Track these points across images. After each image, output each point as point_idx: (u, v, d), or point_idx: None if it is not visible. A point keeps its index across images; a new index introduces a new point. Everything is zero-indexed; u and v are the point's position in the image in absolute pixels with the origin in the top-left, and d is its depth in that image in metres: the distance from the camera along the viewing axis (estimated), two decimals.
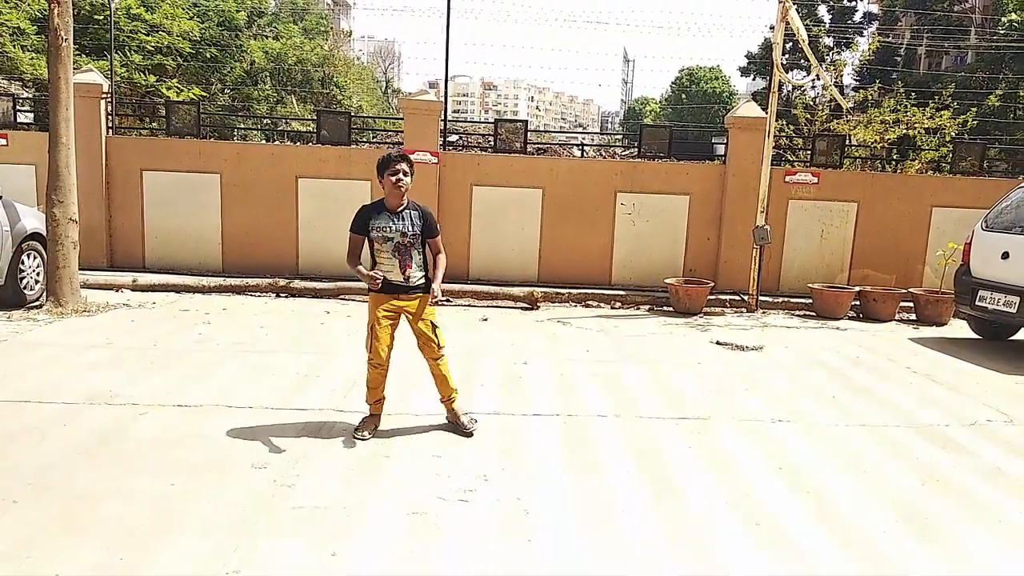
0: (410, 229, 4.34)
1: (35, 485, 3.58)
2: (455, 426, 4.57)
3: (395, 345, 4.53)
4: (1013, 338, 8.45)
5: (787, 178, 10.47)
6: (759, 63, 34.61)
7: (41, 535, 3.13)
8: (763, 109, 10.15)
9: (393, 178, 4.29)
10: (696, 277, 10.23)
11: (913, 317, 9.57)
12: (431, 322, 4.45)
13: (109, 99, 10.47)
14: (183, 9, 19.77)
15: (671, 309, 9.57)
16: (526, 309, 9.31)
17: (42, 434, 4.24)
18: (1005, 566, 3.26)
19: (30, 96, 15.72)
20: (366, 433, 4.42)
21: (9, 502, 3.41)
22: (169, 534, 3.18)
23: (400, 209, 4.37)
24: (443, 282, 4.47)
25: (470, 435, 4.48)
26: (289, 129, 17.95)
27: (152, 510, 3.38)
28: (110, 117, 10.50)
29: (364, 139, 13.36)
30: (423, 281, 4.45)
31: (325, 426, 4.59)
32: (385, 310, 4.40)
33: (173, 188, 10.28)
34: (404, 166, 4.32)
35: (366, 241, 4.39)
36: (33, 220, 7.85)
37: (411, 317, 4.44)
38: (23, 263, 7.67)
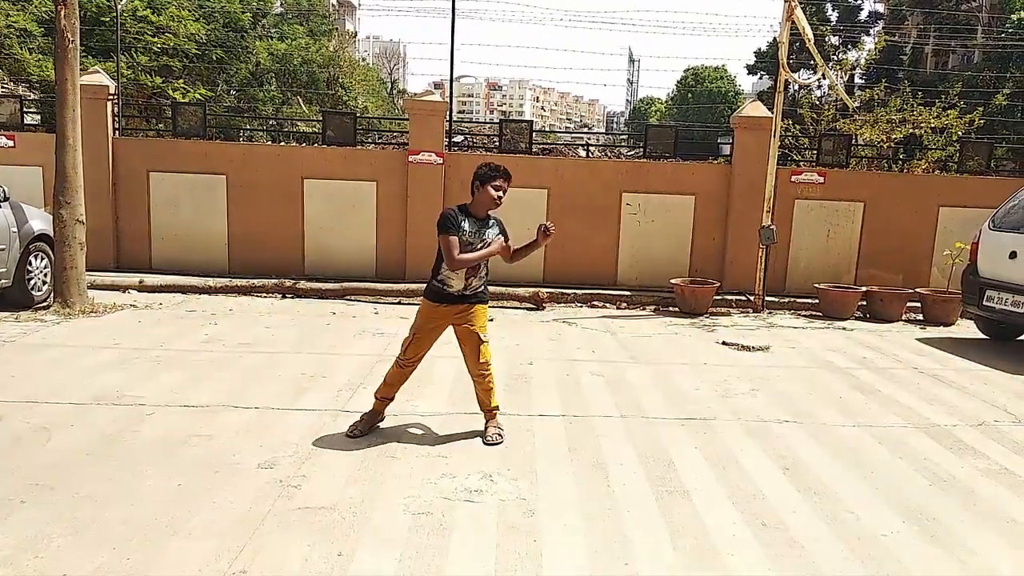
0: (491, 239, 4.33)
1: (42, 485, 3.60)
2: (483, 433, 4.51)
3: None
4: (1021, 338, 8.41)
5: (793, 178, 10.45)
6: (767, 61, 34.55)
7: (48, 535, 3.14)
8: (769, 109, 10.12)
9: (496, 193, 4.26)
10: (702, 277, 10.21)
11: (920, 317, 9.54)
12: (479, 335, 4.40)
13: (116, 100, 10.51)
14: (189, 11, 19.83)
15: (677, 309, 9.55)
16: (531, 309, 9.31)
17: (49, 434, 4.26)
18: (1014, 567, 3.24)
19: (37, 98, 15.79)
20: (358, 430, 4.42)
21: (16, 502, 3.42)
22: (176, 534, 3.19)
23: (483, 217, 4.36)
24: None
25: (489, 445, 4.41)
26: (295, 130, 17.98)
27: (159, 510, 3.39)
28: (117, 118, 10.54)
29: (370, 140, 13.38)
30: (481, 290, 4.43)
31: (331, 426, 4.59)
32: (437, 319, 4.40)
33: (179, 189, 10.31)
34: (507, 184, 4.30)
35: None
36: (40, 221, 7.89)
37: (461, 327, 4.40)
38: (30, 264, 7.71)
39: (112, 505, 3.43)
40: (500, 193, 4.27)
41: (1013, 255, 7.53)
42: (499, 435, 4.49)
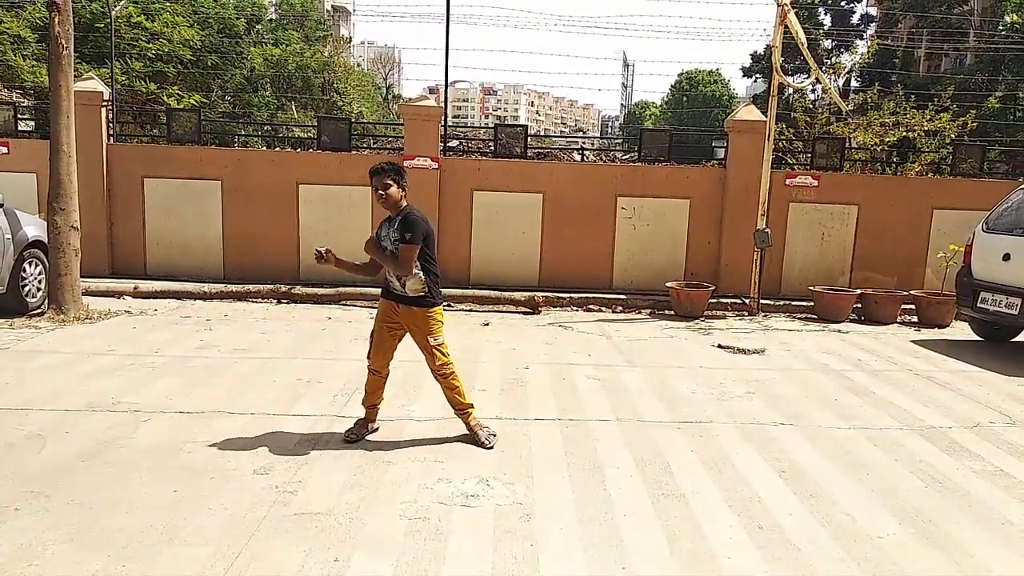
0: (393, 235, 4.31)
1: (36, 492, 3.58)
2: (473, 439, 4.50)
3: (398, 352, 4.53)
4: (1015, 340, 8.44)
5: (787, 181, 10.48)
6: (762, 64, 34.65)
7: (43, 543, 3.12)
8: (763, 112, 10.16)
9: (376, 194, 4.37)
10: (697, 280, 10.22)
11: (915, 319, 9.57)
12: (427, 339, 4.38)
13: (110, 107, 10.49)
14: (183, 17, 19.81)
15: (672, 313, 9.57)
16: (527, 313, 9.32)
17: (44, 441, 4.24)
18: (1009, 568, 3.25)
19: (31, 104, 15.76)
20: (353, 435, 4.44)
21: (11, 510, 3.41)
22: (171, 541, 3.18)
23: (395, 216, 4.38)
24: (443, 287, 4.46)
25: (488, 448, 4.41)
26: (290, 135, 17.98)
27: (154, 517, 3.38)
28: (111, 125, 10.52)
29: (365, 145, 13.37)
30: (422, 294, 4.34)
31: (326, 432, 4.59)
32: (387, 317, 4.44)
33: (174, 195, 10.29)
34: (381, 180, 4.33)
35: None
36: (34, 228, 7.87)
37: (412, 331, 4.42)
38: (25, 271, 7.68)
39: (107, 512, 3.41)
40: (379, 191, 4.32)
41: (1007, 257, 7.56)
42: (492, 435, 4.51)
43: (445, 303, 4.44)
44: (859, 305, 9.66)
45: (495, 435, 4.53)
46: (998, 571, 3.22)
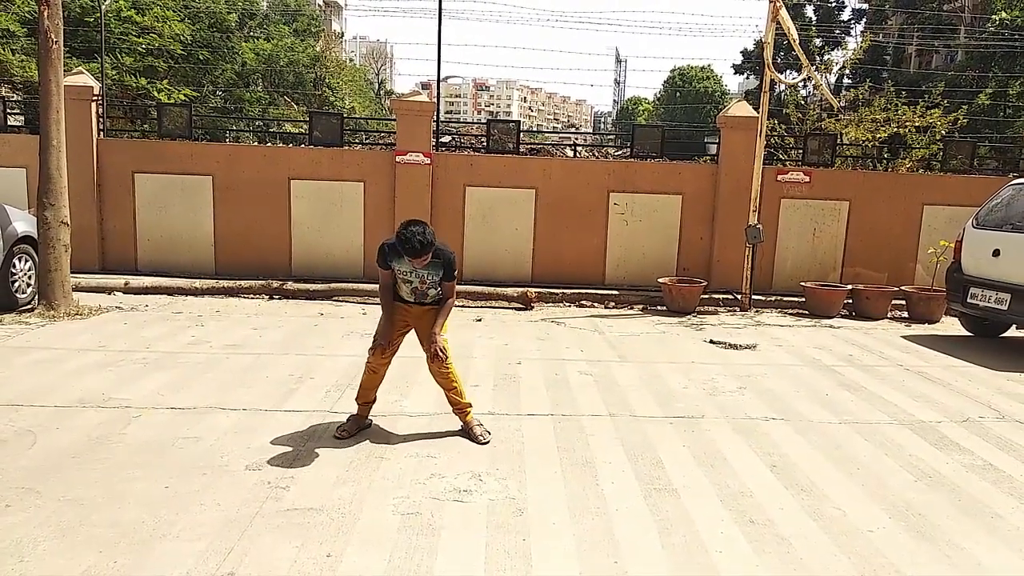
0: (429, 278, 4.35)
1: (27, 489, 3.57)
2: (467, 434, 4.52)
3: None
4: (1004, 335, 8.50)
5: (779, 177, 10.51)
6: (754, 61, 34.72)
7: (34, 539, 3.11)
8: (755, 108, 10.18)
9: (409, 266, 4.24)
10: (689, 276, 10.25)
11: (905, 315, 9.62)
12: (436, 335, 4.39)
13: (100, 101, 10.43)
14: (174, 11, 19.70)
15: (665, 308, 9.59)
16: (520, 309, 9.32)
17: (34, 437, 4.22)
18: (998, 561, 3.28)
19: (20, 99, 15.66)
20: (345, 431, 4.44)
21: (2, 506, 3.39)
22: (163, 537, 3.17)
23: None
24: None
25: (482, 445, 4.41)
26: (281, 131, 17.92)
27: (146, 513, 3.37)
28: (101, 119, 10.46)
29: (357, 140, 13.35)
30: (439, 299, 4.48)
31: (319, 427, 4.58)
32: (400, 321, 4.46)
33: (165, 190, 10.25)
34: (422, 259, 4.14)
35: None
36: (24, 223, 7.82)
37: (420, 326, 4.46)
38: (14, 266, 7.63)
39: (99, 508, 3.40)
40: (416, 264, 4.19)
41: (996, 253, 7.60)
42: (487, 432, 4.52)
43: (441, 348, 4.46)
44: (850, 301, 9.70)
45: (490, 433, 4.54)
46: (987, 564, 3.25)
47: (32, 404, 4.79)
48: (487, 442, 4.43)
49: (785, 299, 10.09)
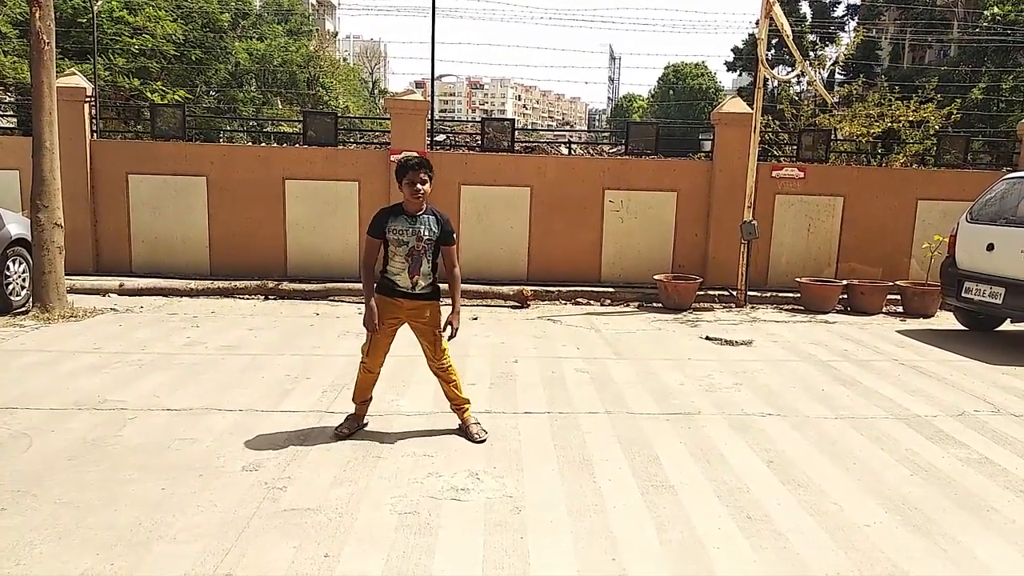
0: (426, 234, 4.25)
1: (23, 492, 3.56)
2: (464, 432, 4.51)
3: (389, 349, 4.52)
4: (999, 329, 8.52)
5: (774, 173, 10.52)
6: (745, 58, 34.74)
7: (30, 542, 3.10)
8: (749, 104, 10.19)
9: (410, 188, 4.18)
10: (685, 273, 10.26)
11: (900, 309, 9.64)
12: (435, 332, 4.39)
13: (93, 103, 10.40)
14: (166, 11, 19.62)
15: (660, 305, 9.60)
16: (516, 307, 9.32)
17: (30, 440, 4.21)
18: (994, 554, 3.29)
19: (13, 100, 15.59)
20: (344, 430, 4.42)
21: None
22: (160, 539, 3.17)
23: (419, 213, 4.28)
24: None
25: (479, 443, 4.41)
26: (275, 130, 17.88)
27: (143, 515, 3.37)
28: (94, 121, 10.43)
29: (351, 140, 13.32)
30: (429, 290, 4.38)
31: (316, 428, 4.58)
32: (390, 316, 4.37)
33: (159, 191, 10.22)
34: (423, 174, 4.19)
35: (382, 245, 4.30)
36: (18, 226, 7.79)
37: (416, 323, 4.40)
38: (8, 269, 7.61)
39: (95, 510, 3.40)
40: (418, 186, 4.18)
41: (990, 247, 7.62)
42: (484, 430, 4.51)
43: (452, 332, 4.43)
44: (845, 296, 9.72)
45: (487, 431, 4.54)
46: (983, 557, 3.26)
47: (27, 407, 4.77)
48: (484, 440, 4.43)
49: (780, 295, 10.10)
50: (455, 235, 4.43)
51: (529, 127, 71.49)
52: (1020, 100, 23.51)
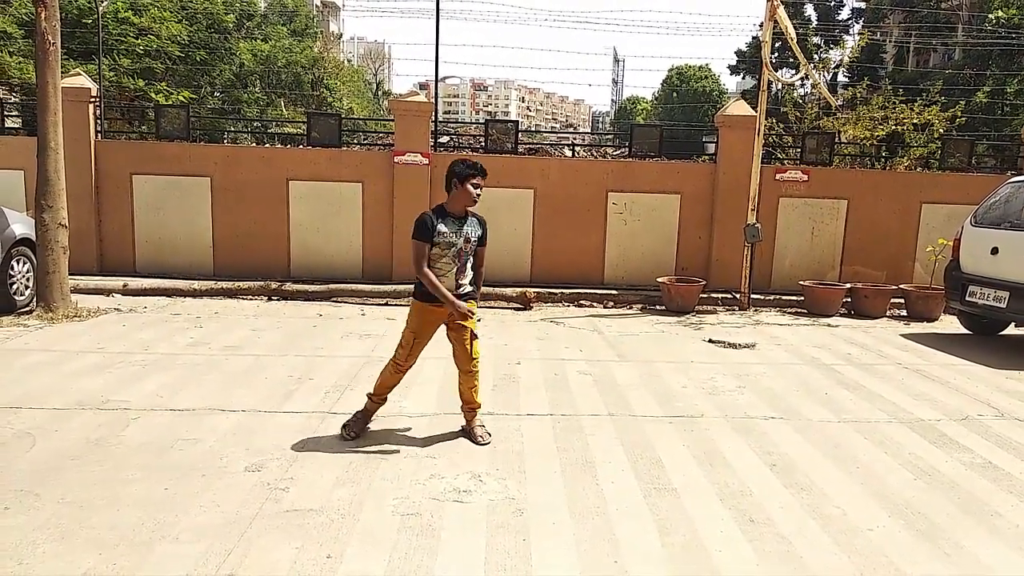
0: (473, 235, 4.33)
1: (27, 491, 3.56)
2: (468, 434, 4.52)
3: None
4: (1003, 333, 8.50)
5: (777, 176, 10.51)
6: (749, 61, 34.74)
7: (33, 542, 3.11)
8: (753, 107, 10.18)
9: (475, 191, 4.24)
10: (688, 276, 10.25)
11: (904, 313, 9.62)
12: (472, 331, 4.41)
13: (98, 103, 10.42)
14: (171, 12, 19.68)
15: (663, 308, 9.59)
16: (519, 309, 9.32)
17: (33, 440, 4.22)
18: (998, 559, 3.28)
19: (18, 101, 15.64)
20: (352, 432, 4.41)
21: (1, 508, 3.39)
22: (163, 539, 3.17)
23: (462, 215, 4.33)
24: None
25: (482, 445, 4.40)
26: (279, 131, 17.90)
27: (145, 515, 3.37)
28: (99, 121, 10.46)
29: (355, 141, 13.34)
30: (471, 289, 4.44)
31: (319, 428, 4.58)
32: (433, 319, 4.36)
33: (163, 192, 10.24)
34: (483, 182, 4.30)
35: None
36: (22, 225, 7.81)
37: (454, 324, 4.39)
38: (12, 269, 7.62)
39: (98, 510, 3.40)
40: (478, 191, 4.26)
41: (995, 251, 7.60)
42: (488, 433, 4.51)
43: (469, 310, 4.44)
44: (849, 299, 9.70)
45: (490, 434, 4.54)
46: (987, 562, 3.25)
47: (31, 406, 4.78)
48: (487, 443, 4.42)
49: (784, 298, 10.09)
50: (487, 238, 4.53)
51: (533, 129, 71.55)
52: None
